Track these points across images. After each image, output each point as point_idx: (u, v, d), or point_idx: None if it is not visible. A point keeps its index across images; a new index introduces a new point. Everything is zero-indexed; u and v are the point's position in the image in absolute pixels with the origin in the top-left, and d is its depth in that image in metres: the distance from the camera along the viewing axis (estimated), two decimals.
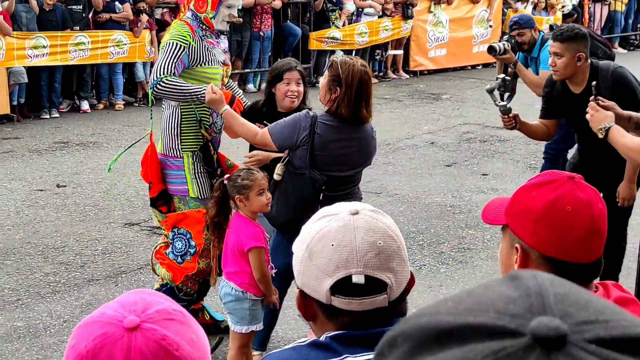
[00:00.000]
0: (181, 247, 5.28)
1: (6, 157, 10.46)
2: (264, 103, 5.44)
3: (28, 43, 12.47)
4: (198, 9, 5.27)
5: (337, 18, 15.89)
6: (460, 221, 8.06)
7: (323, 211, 1.90)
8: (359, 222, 1.83)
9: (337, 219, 1.84)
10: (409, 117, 13.11)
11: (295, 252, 1.90)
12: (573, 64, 5.56)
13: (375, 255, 1.79)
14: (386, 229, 1.84)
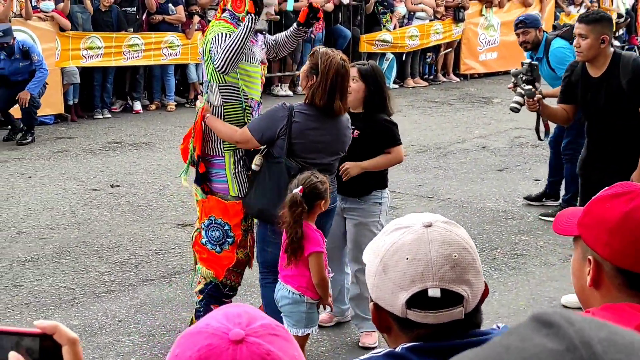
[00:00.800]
0: (219, 236, 5.30)
1: (61, 156, 10.59)
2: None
3: (83, 44, 12.63)
4: (236, 8, 5.26)
5: (388, 21, 15.87)
6: (513, 227, 8.00)
7: (395, 223, 1.90)
8: (433, 235, 1.83)
9: (411, 232, 1.84)
10: (459, 121, 13.05)
11: (368, 264, 1.89)
12: (597, 45, 5.71)
13: (450, 268, 1.79)
14: (460, 241, 1.83)
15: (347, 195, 5.48)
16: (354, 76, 5.27)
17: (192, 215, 8.20)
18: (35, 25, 12.26)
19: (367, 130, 5.37)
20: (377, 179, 5.52)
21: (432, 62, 17.04)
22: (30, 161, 10.31)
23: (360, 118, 5.38)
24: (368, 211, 5.48)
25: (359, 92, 5.33)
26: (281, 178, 4.79)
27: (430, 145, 11.28)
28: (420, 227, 1.84)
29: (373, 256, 1.87)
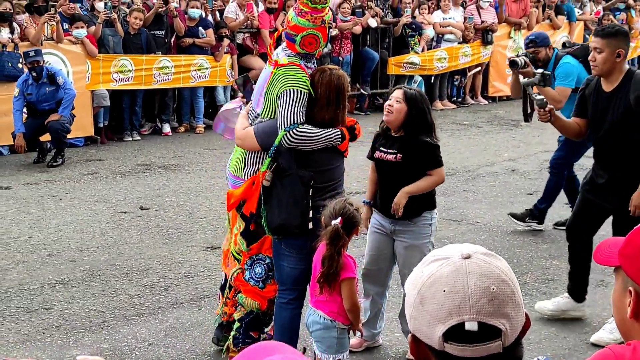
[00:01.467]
0: (261, 272, 5.30)
1: (91, 178, 10.66)
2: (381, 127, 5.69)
3: (114, 67, 12.73)
4: (309, 49, 5.12)
5: (416, 43, 15.88)
6: (544, 251, 7.95)
7: (434, 254, 1.88)
8: (471, 267, 1.81)
9: (449, 264, 1.83)
10: (488, 144, 13.01)
11: (407, 296, 1.88)
12: (612, 59, 5.76)
13: (488, 301, 1.77)
14: (499, 273, 1.81)
15: (397, 218, 5.48)
16: (399, 97, 5.35)
17: (221, 238, 8.21)
18: (66, 49, 12.37)
19: (409, 154, 5.41)
20: (426, 200, 5.57)
21: (461, 85, 17.01)
22: (60, 183, 10.38)
23: (401, 141, 5.42)
24: (419, 233, 5.52)
25: (400, 113, 5.36)
26: (295, 189, 4.84)
27: (459, 168, 11.25)
28: (459, 258, 1.82)
29: (411, 287, 1.86)
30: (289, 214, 4.82)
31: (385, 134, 5.55)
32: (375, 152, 5.57)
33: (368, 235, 5.76)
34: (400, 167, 5.40)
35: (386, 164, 5.49)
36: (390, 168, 5.46)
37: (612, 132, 5.89)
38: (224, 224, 8.45)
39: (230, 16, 14.41)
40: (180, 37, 13.69)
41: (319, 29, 5.10)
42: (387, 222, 5.54)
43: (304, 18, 5.09)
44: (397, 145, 5.40)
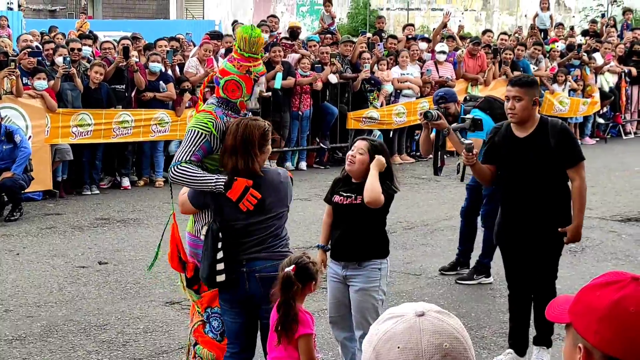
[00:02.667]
0: (218, 326, 5.36)
1: (49, 232, 10.59)
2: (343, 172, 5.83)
3: (73, 121, 12.73)
4: (231, 95, 5.32)
5: (375, 98, 16.07)
6: (502, 305, 7.99)
7: (389, 312, 1.93)
8: (424, 324, 1.86)
9: (403, 321, 1.87)
10: (446, 198, 13.13)
11: (363, 352, 1.93)
12: (530, 107, 6.12)
13: (441, 357, 1.82)
14: (452, 330, 1.86)
15: (347, 261, 5.65)
16: (361, 148, 5.53)
17: (180, 293, 8.19)
18: (25, 103, 12.35)
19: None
20: (378, 247, 5.71)
21: None
22: (18, 238, 10.31)
23: (362, 187, 5.54)
24: (368, 277, 5.64)
25: (363, 163, 5.53)
26: (207, 241, 5.00)
27: (417, 222, 11.34)
28: (413, 316, 1.87)
29: (367, 345, 1.91)
30: (202, 265, 5.05)
31: (345, 179, 5.71)
32: (335, 197, 5.70)
33: (327, 284, 5.87)
34: (358, 210, 5.54)
35: (344, 207, 5.63)
36: (348, 211, 5.61)
37: (531, 173, 6.24)
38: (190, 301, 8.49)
39: (190, 71, 14.49)
40: (141, 91, 13.73)
41: (242, 77, 5.31)
42: (339, 268, 5.68)
43: (231, 63, 5.38)
44: (358, 190, 5.55)
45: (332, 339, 6.30)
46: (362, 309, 5.56)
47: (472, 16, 38.50)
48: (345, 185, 5.68)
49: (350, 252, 5.64)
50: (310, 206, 12.34)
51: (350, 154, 5.60)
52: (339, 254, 5.68)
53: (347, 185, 5.66)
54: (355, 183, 5.60)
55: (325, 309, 7.47)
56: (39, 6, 43.87)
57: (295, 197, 12.81)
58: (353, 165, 5.54)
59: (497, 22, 37.99)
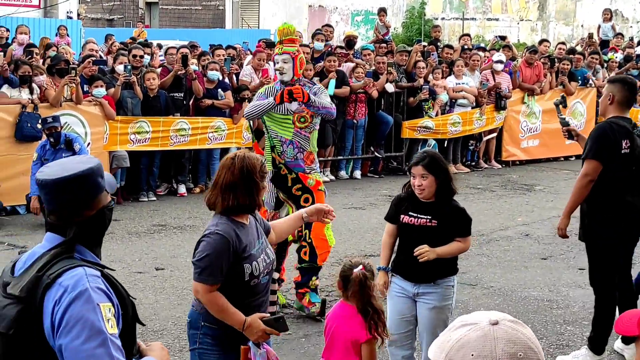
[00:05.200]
0: None
1: (106, 239, 10.59)
2: (407, 191, 5.70)
3: (131, 128, 12.89)
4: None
5: (430, 108, 16.01)
6: (558, 316, 7.94)
7: (462, 319, 1.93)
8: (499, 333, 1.85)
9: (477, 329, 1.87)
10: (502, 208, 13.04)
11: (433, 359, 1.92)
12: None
13: None
14: (526, 340, 1.86)
15: (420, 282, 5.58)
16: (422, 174, 5.43)
17: None
18: (85, 110, 12.54)
19: (444, 219, 5.51)
20: (452, 264, 5.68)
21: (476, 149, 17.09)
22: None
23: (432, 206, 5.51)
24: (443, 295, 5.60)
25: (431, 186, 5.46)
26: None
27: (473, 232, 11.15)
28: (487, 324, 1.87)
29: (438, 352, 1.90)
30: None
31: (410, 198, 5.60)
32: (403, 217, 5.60)
33: (388, 300, 5.78)
34: (434, 232, 5.49)
35: (416, 229, 5.53)
36: (422, 233, 5.51)
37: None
38: None
39: (245, 79, 14.57)
40: (199, 99, 13.85)
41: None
42: (409, 285, 5.60)
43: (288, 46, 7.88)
44: (430, 210, 5.49)
45: None
46: (435, 327, 5.47)
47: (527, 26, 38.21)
48: (413, 205, 5.57)
49: (426, 272, 5.54)
50: (364, 215, 12.33)
51: (416, 183, 5.48)
52: (413, 275, 5.58)
53: (415, 205, 5.56)
54: (423, 202, 5.52)
55: None
56: (98, 15, 44.53)
57: (349, 205, 12.92)
58: (424, 191, 5.45)
59: (553, 32, 37.64)
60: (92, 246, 3.12)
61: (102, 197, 3.08)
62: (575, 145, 17.71)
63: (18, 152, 12.03)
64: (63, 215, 3.04)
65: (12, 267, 3.10)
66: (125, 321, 3.02)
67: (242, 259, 4.39)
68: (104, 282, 2.96)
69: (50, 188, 3.01)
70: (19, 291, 2.90)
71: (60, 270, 2.91)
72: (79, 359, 2.78)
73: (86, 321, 2.81)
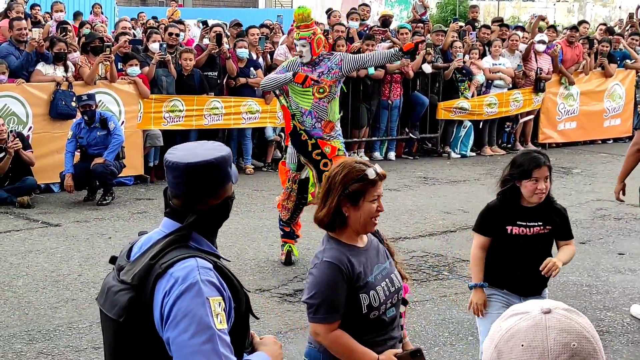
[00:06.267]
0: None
1: (140, 217, 10.70)
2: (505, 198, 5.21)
3: (165, 107, 12.84)
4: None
5: (466, 89, 15.81)
6: (598, 302, 7.79)
7: (513, 309, 1.82)
8: (551, 322, 1.75)
9: (528, 318, 1.76)
10: None
11: (484, 351, 1.82)
12: None
13: (568, 357, 1.71)
14: (581, 329, 1.75)
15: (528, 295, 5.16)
16: (547, 175, 5.05)
17: (270, 280, 8.19)
18: (119, 88, 12.52)
19: (554, 222, 5.19)
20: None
21: (512, 131, 16.88)
22: (110, 222, 10.44)
23: (541, 211, 5.15)
24: None
25: (547, 188, 5.08)
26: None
27: None
28: (539, 313, 1.76)
29: (488, 343, 1.80)
30: None
31: (509, 205, 5.17)
32: (511, 229, 5.15)
33: (489, 316, 5.24)
34: (545, 239, 5.16)
35: (528, 239, 5.14)
36: (532, 242, 5.14)
37: None
38: (272, 266, 8.51)
39: (279, 58, 14.46)
40: (232, 77, 13.77)
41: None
42: (517, 298, 5.14)
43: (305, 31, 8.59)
44: (539, 215, 5.12)
45: None
46: None
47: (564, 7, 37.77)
48: (519, 213, 5.10)
49: (534, 284, 5.20)
50: (399, 197, 12.22)
51: (539, 186, 5.00)
52: (521, 288, 5.19)
53: (521, 213, 5.12)
54: (529, 208, 5.10)
55: None
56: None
57: (384, 187, 12.71)
58: (543, 195, 5.01)
59: (590, 14, 37.17)
60: (209, 235, 3.03)
61: (228, 187, 3.00)
62: (613, 128, 17.71)
63: (52, 129, 12.03)
64: (188, 201, 2.96)
65: (128, 250, 3.04)
66: (238, 314, 2.93)
67: (358, 289, 3.80)
68: (216, 275, 2.86)
69: (182, 172, 2.92)
70: (130, 278, 2.85)
71: (173, 260, 2.83)
72: (185, 353, 2.73)
73: (194, 315, 2.73)
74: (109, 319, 2.90)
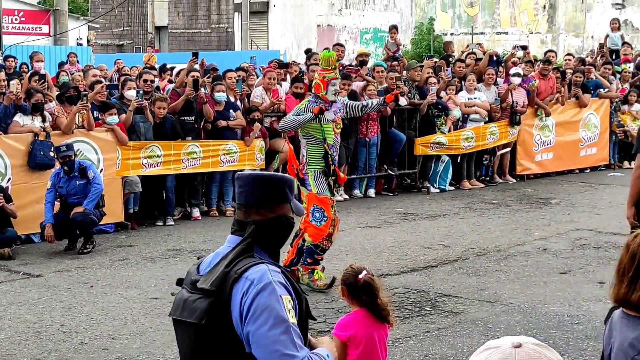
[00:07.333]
0: (319, 216, 9.25)
1: (121, 264, 10.68)
2: None
3: (143, 153, 12.87)
4: (316, 91, 9.50)
5: (442, 124, 15.94)
6: (580, 332, 7.83)
7: (488, 344, 1.87)
8: (521, 355, 1.79)
9: (499, 352, 1.81)
10: (518, 223, 12.93)
11: None
12: None
13: None
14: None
15: None
16: None
17: None
18: (97, 136, 12.55)
19: None
20: None
21: (490, 164, 17.00)
22: (91, 270, 10.41)
23: None
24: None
25: None
26: None
27: (490, 248, 11.18)
28: (509, 347, 1.81)
29: None
30: None
31: None
32: None
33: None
34: None
35: None
36: None
37: None
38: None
39: (256, 100, 14.57)
40: (210, 122, 13.83)
41: (322, 81, 9.41)
42: None
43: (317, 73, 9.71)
44: None
45: None
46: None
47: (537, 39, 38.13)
48: None
49: None
50: (380, 233, 12.26)
51: None
52: None
53: None
54: None
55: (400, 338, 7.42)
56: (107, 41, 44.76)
57: (364, 224, 12.88)
58: None
59: (563, 44, 37.55)
60: (270, 252, 3.40)
61: (286, 207, 3.42)
62: (590, 157, 17.85)
63: (31, 180, 12.02)
64: (247, 210, 3.37)
65: (197, 268, 3.43)
66: (300, 316, 3.27)
67: None
68: (284, 277, 3.25)
69: (245, 181, 3.41)
70: (209, 285, 3.20)
71: (246, 266, 3.21)
72: (265, 343, 3.08)
73: (272, 310, 3.10)
74: (188, 325, 3.26)
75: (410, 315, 8.36)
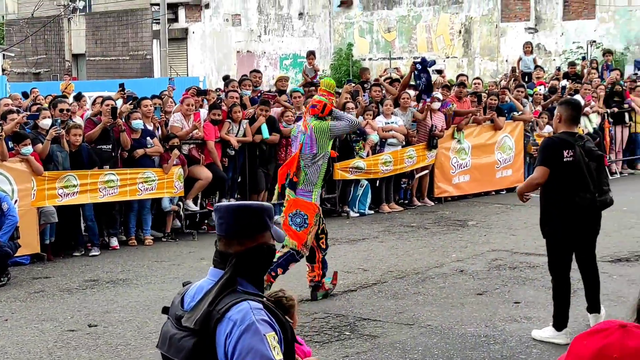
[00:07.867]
0: (300, 221, 9.70)
1: (37, 297, 10.50)
2: None
3: (59, 182, 12.68)
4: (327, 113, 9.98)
5: (361, 148, 16.09)
6: (496, 352, 7.96)
7: None
8: None
9: None
10: (436, 245, 13.10)
11: None
12: None
13: None
14: None
15: None
16: None
17: None
18: (11, 167, 12.32)
19: None
20: None
21: (408, 187, 17.19)
22: (6, 303, 10.21)
23: None
24: None
25: None
26: None
27: (408, 270, 11.29)
28: None
29: None
30: None
31: None
32: None
33: None
34: None
35: None
36: None
37: None
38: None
39: (176, 125, 14.47)
40: (127, 150, 13.71)
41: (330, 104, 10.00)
42: None
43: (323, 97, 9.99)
44: None
45: None
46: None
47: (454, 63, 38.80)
48: None
49: None
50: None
51: None
52: None
53: None
54: None
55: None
56: (24, 69, 44.06)
57: None
58: None
59: (478, 68, 38.29)
60: (253, 281, 3.43)
61: (267, 235, 3.47)
62: (505, 179, 18.20)
63: None
64: (228, 241, 3.42)
65: (181, 299, 3.46)
66: (286, 342, 3.33)
67: None
68: (267, 313, 3.28)
69: (224, 212, 3.44)
70: (193, 324, 3.24)
71: (228, 305, 3.24)
72: None
73: (257, 352, 3.15)
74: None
75: (330, 340, 8.39)
